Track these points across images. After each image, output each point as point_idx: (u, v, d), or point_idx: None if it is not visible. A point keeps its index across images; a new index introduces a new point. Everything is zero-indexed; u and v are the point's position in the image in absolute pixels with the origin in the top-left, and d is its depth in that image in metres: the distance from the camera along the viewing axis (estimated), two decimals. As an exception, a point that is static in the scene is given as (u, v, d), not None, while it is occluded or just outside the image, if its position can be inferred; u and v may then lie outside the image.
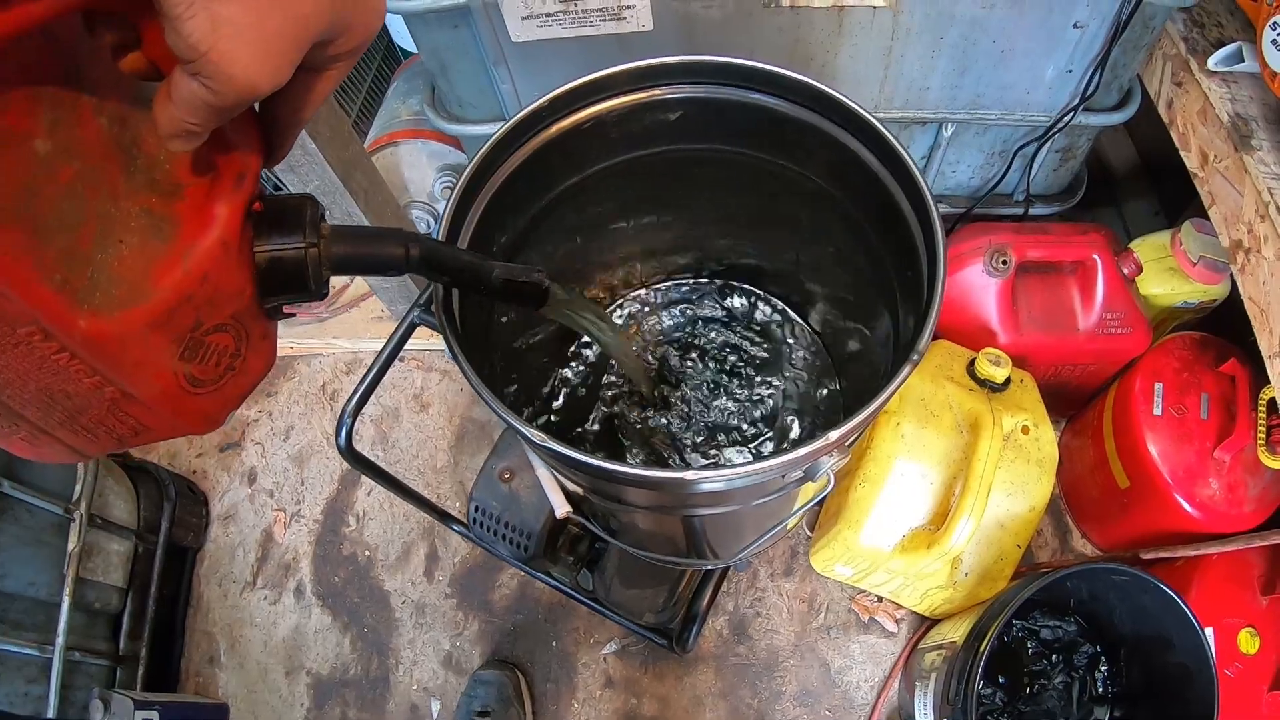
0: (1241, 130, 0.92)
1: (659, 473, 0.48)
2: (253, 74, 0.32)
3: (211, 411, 0.41)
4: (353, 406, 0.78)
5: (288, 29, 0.33)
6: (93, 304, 0.32)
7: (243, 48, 0.31)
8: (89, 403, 0.35)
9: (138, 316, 0.34)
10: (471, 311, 0.66)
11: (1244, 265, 0.92)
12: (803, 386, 0.97)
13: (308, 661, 1.31)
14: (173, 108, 0.33)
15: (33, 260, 0.30)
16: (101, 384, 0.34)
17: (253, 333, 0.41)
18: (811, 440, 0.49)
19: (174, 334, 0.36)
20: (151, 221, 0.35)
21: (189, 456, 1.49)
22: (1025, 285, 1.09)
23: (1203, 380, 1.07)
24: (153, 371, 0.36)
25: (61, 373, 0.33)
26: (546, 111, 0.67)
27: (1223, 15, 1.01)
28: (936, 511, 1.00)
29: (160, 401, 0.37)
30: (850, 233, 0.77)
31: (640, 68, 0.69)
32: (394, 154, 1.29)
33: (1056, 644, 1.08)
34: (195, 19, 0.30)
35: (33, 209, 0.30)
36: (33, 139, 0.31)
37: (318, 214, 0.41)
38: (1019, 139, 1.09)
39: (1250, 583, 1.02)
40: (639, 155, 0.76)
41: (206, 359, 0.38)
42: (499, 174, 0.66)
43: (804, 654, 1.21)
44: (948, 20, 0.93)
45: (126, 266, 0.34)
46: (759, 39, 0.94)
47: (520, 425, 0.52)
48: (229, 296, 0.38)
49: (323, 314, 1.47)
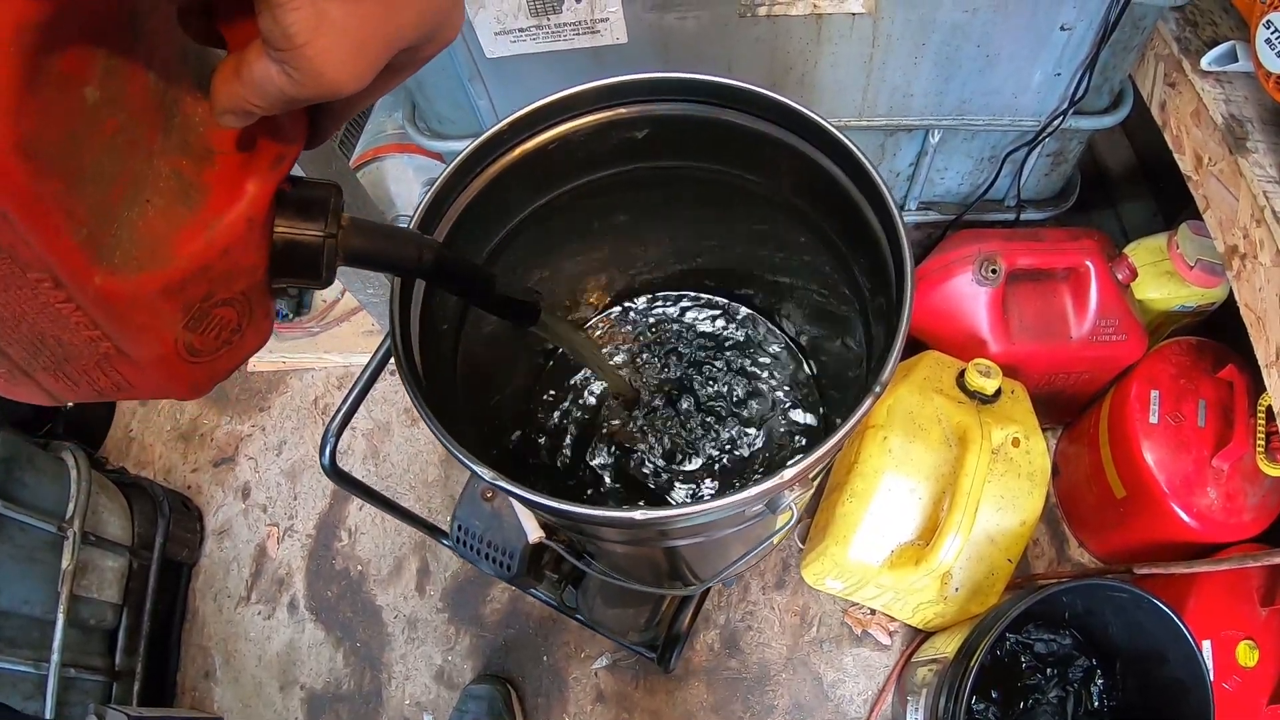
0: (1236, 132, 0.90)
1: (607, 511, 0.47)
2: (342, 76, 0.32)
3: (199, 380, 0.40)
4: (336, 425, 0.77)
5: (386, 36, 0.33)
6: (112, 263, 0.32)
7: (340, 49, 0.31)
8: (81, 353, 0.34)
9: (154, 281, 0.33)
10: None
11: (1240, 271, 0.90)
12: (783, 398, 0.95)
13: (302, 676, 1.32)
14: (239, 86, 0.32)
15: (64, 211, 0.29)
16: (99, 339, 0.33)
17: (256, 310, 0.40)
18: (766, 479, 0.47)
19: (184, 302, 0.35)
20: (180, 185, 0.35)
21: (184, 471, 1.49)
22: (1016, 293, 1.06)
23: (1200, 386, 1.05)
24: (155, 336, 0.35)
25: (61, 321, 0.32)
26: (508, 135, 0.66)
27: (1216, 13, 0.98)
28: (925, 526, 0.98)
29: (154, 365, 0.36)
30: (824, 249, 0.76)
31: (604, 86, 0.67)
32: (380, 168, 1.29)
33: (1051, 657, 1.06)
34: (300, 11, 0.29)
35: (74, 158, 0.30)
36: (85, 86, 0.30)
37: (340, 204, 0.41)
38: (1008, 144, 1.07)
39: (1249, 594, 1.00)
40: (608, 175, 0.75)
41: (208, 330, 0.38)
42: (458, 203, 0.65)
43: (796, 667, 1.19)
44: (929, 26, 0.91)
45: (151, 228, 0.33)
46: (736, 50, 0.93)
47: (470, 462, 0.51)
48: (243, 272, 0.38)
49: (314, 328, 1.47)
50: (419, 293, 0.64)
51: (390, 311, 0.60)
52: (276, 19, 0.29)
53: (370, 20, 0.32)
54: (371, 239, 0.43)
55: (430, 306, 0.65)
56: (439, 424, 0.52)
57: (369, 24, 0.32)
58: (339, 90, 0.33)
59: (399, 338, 0.59)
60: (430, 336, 0.65)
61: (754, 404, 0.95)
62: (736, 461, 0.93)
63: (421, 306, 0.64)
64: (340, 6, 0.30)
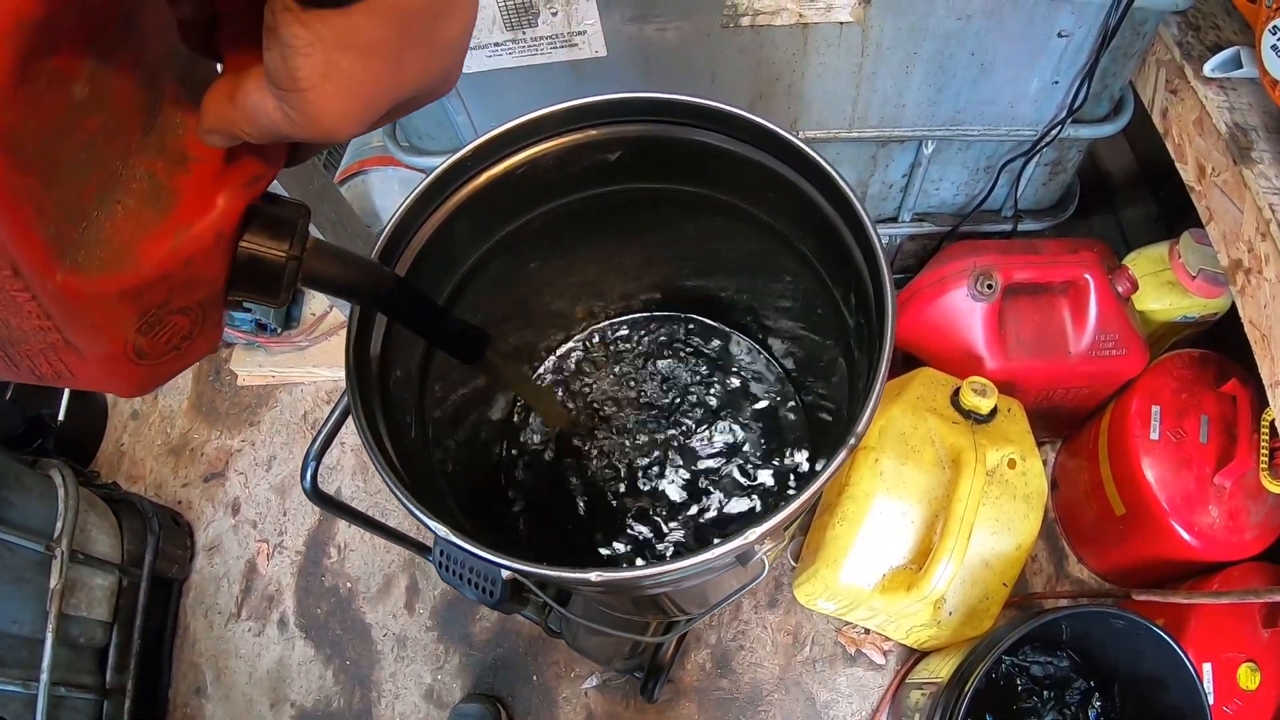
0: (1240, 141, 0.86)
1: (561, 573, 0.45)
2: (339, 125, 0.32)
3: (143, 380, 0.39)
4: (316, 449, 0.75)
5: (389, 91, 0.33)
6: (75, 261, 0.32)
7: (343, 99, 0.31)
8: (27, 338, 0.34)
9: (115, 283, 0.33)
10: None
11: (1244, 286, 0.87)
12: (762, 426, 0.93)
13: (292, 694, 1.30)
14: (232, 110, 0.32)
15: (35, 207, 0.29)
16: (49, 329, 0.33)
17: (208, 319, 0.40)
18: (731, 538, 0.45)
19: (140, 307, 0.35)
20: (152, 187, 0.34)
21: (174, 486, 1.48)
22: (1014, 307, 1.03)
23: (1202, 401, 1.02)
24: (107, 336, 0.35)
25: (13, 306, 0.32)
26: (471, 161, 0.64)
27: (1219, 17, 0.95)
28: (918, 550, 0.95)
29: (100, 362, 0.36)
30: (805, 272, 0.73)
31: (571, 108, 0.65)
32: (365, 182, 1.27)
33: (1048, 680, 1.04)
34: (310, 58, 0.29)
35: (52, 155, 0.29)
36: (73, 83, 0.30)
37: (307, 226, 0.41)
38: (1004, 154, 1.03)
39: (1251, 616, 0.97)
40: (580, 198, 0.73)
41: (160, 335, 0.38)
42: (421, 233, 0.63)
43: (789, 687, 1.17)
44: (921, 34, 0.88)
45: (118, 230, 0.33)
46: (720, 61, 0.90)
47: (426, 518, 0.49)
48: (203, 283, 0.38)
49: (302, 342, 1.45)
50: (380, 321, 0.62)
51: (347, 348, 0.58)
52: (285, 59, 0.29)
53: (378, 77, 0.31)
54: (332, 264, 0.43)
55: (393, 332, 0.63)
56: (392, 474, 0.50)
57: (376, 80, 0.31)
58: (333, 137, 0.32)
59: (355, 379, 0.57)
60: (393, 360, 0.63)
61: (731, 432, 0.93)
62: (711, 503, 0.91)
63: (382, 344, 0.62)
64: (351, 59, 0.30)
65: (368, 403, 0.57)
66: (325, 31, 0.29)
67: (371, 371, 0.60)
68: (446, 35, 0.33)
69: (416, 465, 0.64)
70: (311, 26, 0.28)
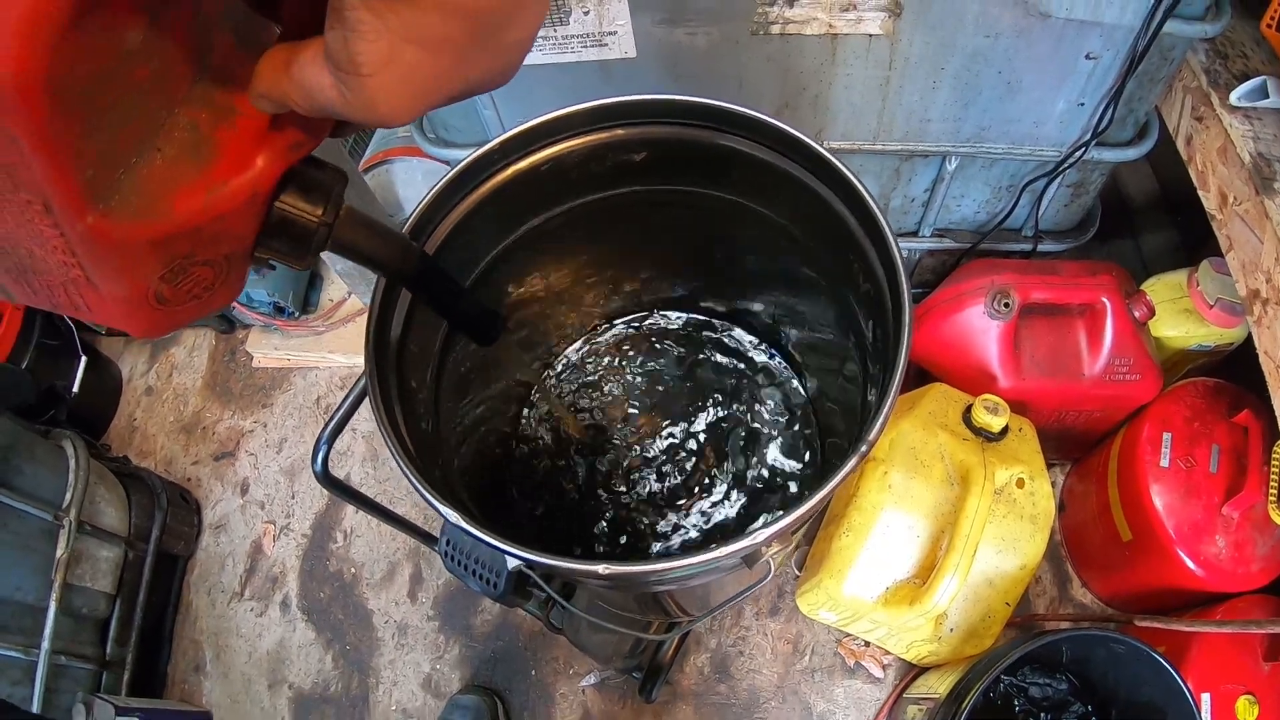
0: (1264, 172, 0.86)
1: (571, 564, 0.46)
2: (394, 114, 0.31)
3: (159, 324, 0.39)
4: (328, 433, 0.75)
5: (449, 86, 0.32)
6: (108, 205, 0.32)
7: (400, 90, 0.30)
8: (50, 271, 0.34)
9: (144, 231, 0.33)
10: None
11: (1260, 317, 0.87)
12: (775, 431, 0.93)
13: (290, 675, 1.31)
14: (286, 81, 0.32)
15: (73, 151, 0.29)
16: (73, 265, 0.33)
17: (232, 273, 0.40)
18: (740, 538, 0.45)
19: (167, 256, 0.35)
20: (194, 138, 0.34)
21: (184, 464, 1.49)
22: (1029, 327, 1.03)
23: (1214, 430, 1.01)
24: (130, 280, 0.35)
25: (40, 239, 0.32)
26: (499, 154, 0.65)
27: (1248, 45, 0.95)
28: (923, 565, 0.95)
29: (119, 302, 0.36)
30: (823, 281, 0.74)
31: (599, 107, 0.66)
32: (389, 171, 1.28)
33: (1046, 702, 1.03)
34: (374, 44, 0.28)
35: (96, 102, 0.29)
36: (128, 30, 0.29)
37: (343, 192, 0.41)
38: (1027, 173, 1.03)
39: (1253, 648, 0.96)
40: (604, 197, 0.74)
41: (182, 284, 0.38)
42: (445, 223, 0.63)
43: (786, 696, 1.17)
44: (949, 50, 0.88)
45: (154, 178, 0.33)
46: (748, 68, 0.90)
47: (436, 502, 0.49)
48: (232, 239, 0.38)
49: (319, 327, 1.46)
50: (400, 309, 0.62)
51: (367, 330, 0.59)
52: (348, 42, 0.28)
53: (440, 72, 0.31)
54: (363, 234, 0.43)
55: (413, 321, 0.64)
56: (402, 451, 0.50)
57: (437, 75, 0.31)
58: (386, 123, 0.32)
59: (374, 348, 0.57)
60: (412, 347, 0.64)
61: (744, 435, 0.93)
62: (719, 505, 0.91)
63: (403, 323, 0.62)
64: (415, 52, 0.29)
65: (384, 386, 0.58)
66: (393, 20, 0.28)
67: (390, 356, 0.60)
68: (513, 37, 0.33)
69: (428, 453, 0.65)
70: (380, 13, 0.28)
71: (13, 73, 0.25)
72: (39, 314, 1.43)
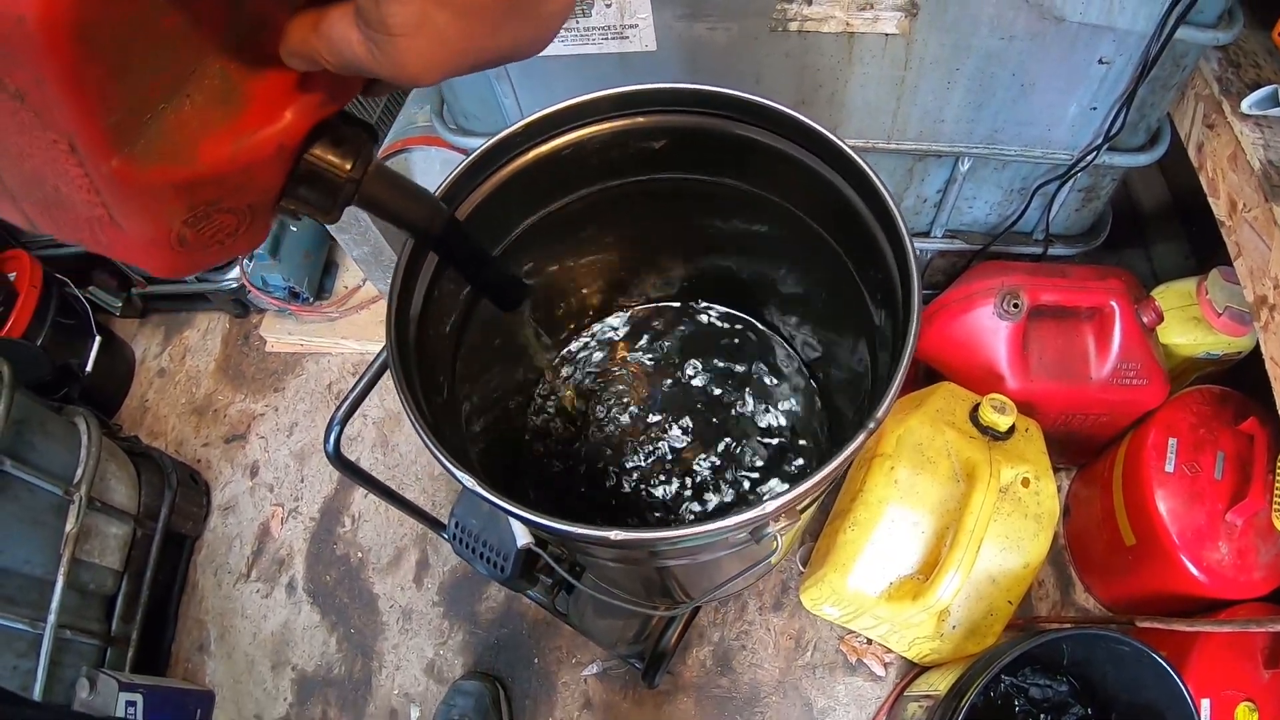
0: (1273, 179, 0.87)
1: (583, 529, 0.47)
2: (423, 74, 0.31)
3: (179, 266, 0.40)
4: (342, 414, 0.77)
5: (479, 52, 0.32)
6: (133, 150, 0.32)
7: (431, 52, 0.30)
8: (74, 207, 0.34)
9: (168, 176, 0.33)
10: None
11: (1268, 323, 0.87)
12: (785, 415, 0.94)
13: (294, 657, 1.32)
14: (316, 39, 0.32)
15: (101, 96, 0.29)
16: (97, 204, 0.34)
17: (255, 222, 0.40)
18: (748, 508, 0.46)
19: (190, 201, 0.36)
20: (224, 86, 0.34)
21: (195, 445, 1.51)
22: (1038, 329, 1.04)
23: (1219, 438, 1.02)
24: (153, 222, 0.36)
25: (66, 178, 0.32)
26: (521, 138, 0.66)
27: (1260, 55, 0.96)
28: (926, 561, 0.96)
29: (141, 243, 0.37)
30: (837, 272, 0.75)
31: (621, 94, 0.67)
32: (407, 160, 1.29)
33: (1046, 703, 1.04)
34: (407, 6, 0.28)
35: (125, 48, 0.29)
36: None
37: (373, 149, 0.41)
38: (1039, 177, 1.04)
39: (1254, 654, 0.96)
40: (622, 184, 0.75)
41: (205, 230, 0.38)
42: (468, 203, 0.64)
43: (787, 691, 1.18)
44: (964, 51, 0.89)
45: (182, 124, 0.33)
46: (765, 64, 0.92)
47: (455, 469, 0.50)
48: (257, 189, 0.38)
49: (333, 314, 1.48)
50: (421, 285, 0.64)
51: (389, 301, 0.60)
52: (379, 3, 0.29)
53: (472, 37, 0.31)
54: (391, 191, 0.43)
55: (433, 297, 0.65)
56: (420, 416, 0.51)
57: (469, 40, 0.31)
58: (415, 83, 0.32)
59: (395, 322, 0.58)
60: (431, 324, 0.65)
61: (753, 419, 0.94)
62: (732, 481, 0.92)
63: (424, 298, 0.63)
64: (448, 16, 0.29)
65: (405, 358, 0.59)
66: None
67: (410, 330, 0.61)
68: (550, 9, 0.33)
69: (445, 427, 0.66)
70: None
71: (40, 15, 0.26)
72: (55, 293, 1.45)
